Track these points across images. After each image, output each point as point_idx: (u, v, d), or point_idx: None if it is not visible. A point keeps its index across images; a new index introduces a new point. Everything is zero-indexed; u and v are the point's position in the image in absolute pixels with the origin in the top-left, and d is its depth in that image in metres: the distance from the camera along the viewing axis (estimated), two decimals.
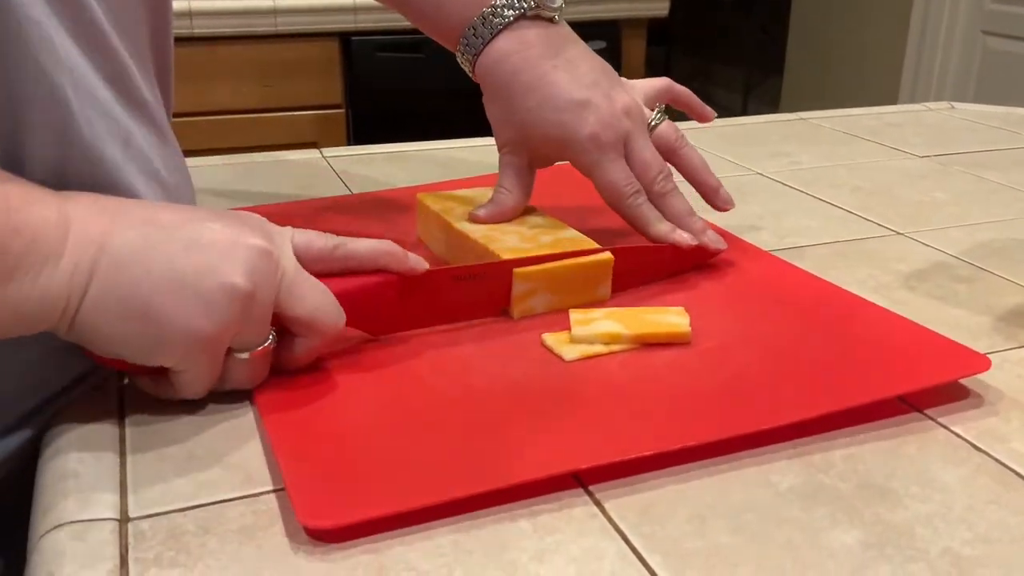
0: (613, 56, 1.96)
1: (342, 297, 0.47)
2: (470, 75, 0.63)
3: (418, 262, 0.50)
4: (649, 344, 0.51)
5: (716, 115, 0.73)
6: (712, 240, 0.61)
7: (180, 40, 2.02)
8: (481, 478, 0.40)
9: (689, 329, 0.52)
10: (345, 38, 1.82)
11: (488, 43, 0.60)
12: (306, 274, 0.46)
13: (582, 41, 0.63)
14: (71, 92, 0.44)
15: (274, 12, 1.73)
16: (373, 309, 0.50)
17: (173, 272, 0.41)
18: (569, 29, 0.63)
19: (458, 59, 0.63)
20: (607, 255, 0.56)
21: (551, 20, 0.61)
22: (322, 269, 0.48)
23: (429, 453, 0.42)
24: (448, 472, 0.40)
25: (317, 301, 0.46)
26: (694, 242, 0.60)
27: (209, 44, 1.71)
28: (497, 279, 0.54)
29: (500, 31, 0.60)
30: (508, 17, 0.60)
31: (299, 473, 0.40)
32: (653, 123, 0.63)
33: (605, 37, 1.95)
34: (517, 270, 0.53)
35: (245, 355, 0.45)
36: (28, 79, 0.42)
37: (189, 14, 1.67)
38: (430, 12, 0.64)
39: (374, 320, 0.50)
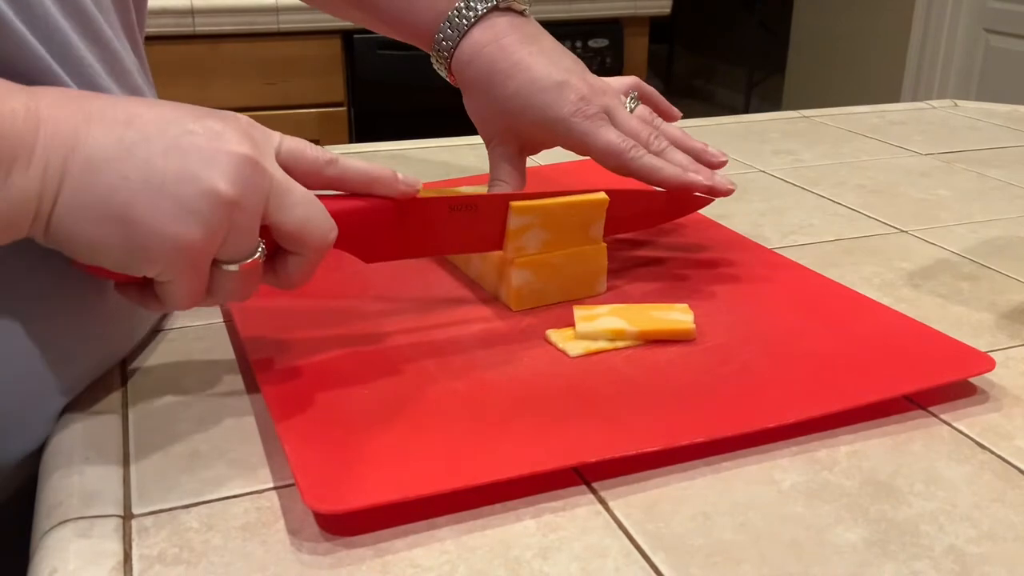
0: (615, 54, 1.96)
1: (335, 217, 0.45)
2: (446, 76, 0.64)
3: (410, 184, 0.48)
4: (653, 341, 0.51)
5: (682, 115, 0.74)
6: (723, 181, 0.60)
7: (182, 38, 2.02)
8: (487, 469, 0.40)
9: (694, 326, 0.51)
10: (347, 36, 1.82)
11: (463, 36, 0.61)
12: (295, 183, 0.43)
13: (551, 36, 0.63)
14: (75, 82, 0.44)
15: (276, 10, 1.73)
16: (366, 233, 0.48)
17: (151, 177, 0.38)
18: (538, 24, 0.63)
19: (433, 62, 0.64)
20: (602, 195, 0.56)
21: (521, 13, 0.62)
22: (310, 184, 0.45)
23: (435, 445, 0.42)
24: (454, 463, 0.40)
25: (307, 212, 0.43)
26: (708, 182, 0.60)
27: (211, 42, 1.71)
28: (493, 212, 0.53)
29: (474, 24, 0.61)
30: (480, 10, 0.60)
31: (306, 459, 0.40)
32: (628, 109, 0.63)
33: (607, 35, 1.95)
34: (514, 203, 0.53)
35: (234, 267, 0.42)
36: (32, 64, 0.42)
37: (191, 12, 1.67)
38: (400, 13, 0.64)
39: (367, 245, 0.49)
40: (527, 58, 0.60)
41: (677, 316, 0.52)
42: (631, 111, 0.63)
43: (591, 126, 0.59)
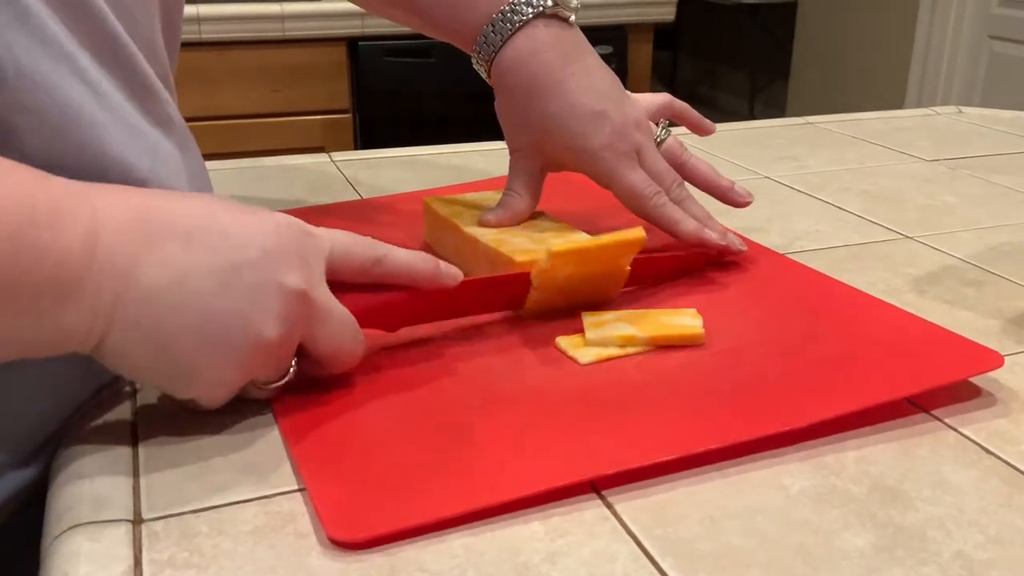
0: (619, 61, 1.97)
1: (368, 312, 0.47)
2: (484, 76, 0.63)
3: (451, 276, 0.49)
4: (663, 346, 0.51)
5: (716, 128, 0.74)
6: (735, 241, 0.62)
7: (188, 45, 2.04)
8: (505, 488, 0.40)
9: (703, 331, 0.52)
10: (352, 43, 1.82)
11: (507, 40, 0.60)
12: (336, 305, 0.45)
13: (594, 49, 0.63)
14: (98, 109, 0.44)
15: (282, 17, 1.74)
16: (393, 315, 0.50)
17: (202, 317, 0.40)
18: (582, 35, 0.63)
19: (473, 61, 0.63)
20: (640, 232, 0.54)
21: (567, 21, 0.62)
22: (356, 281, 0.47)
23: (451, 463, 0.42)
24: (471, 482, 0.40)
25: (342, 338, 0.45)
26: (723, 241, 0.61)
27: (217, 49, 1.72)
28: (517, 283, 0.54)
29: (519, 28, 0.60)
30: (528, 14, 0.60)
31: (324, 487, 0.40)
32: (659, 139, 0.64)
33: (612, 42, 1.95)
34: (534, 272, 0.53)
35: (265, 390, 0.45)
36: (54, 99, 0.42)
37: (197, 19, 1.68)
38: (445, 13, 0.63)
39: (392, 322, 0.51)
40: (569, 79, 0.60)
41: (686, 321, 0.52)
42: (662, 142, 0.64)
43: (618, 164, 0.60)
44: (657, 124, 0.65)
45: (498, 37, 0.60)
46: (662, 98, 0.71)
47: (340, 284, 0.46)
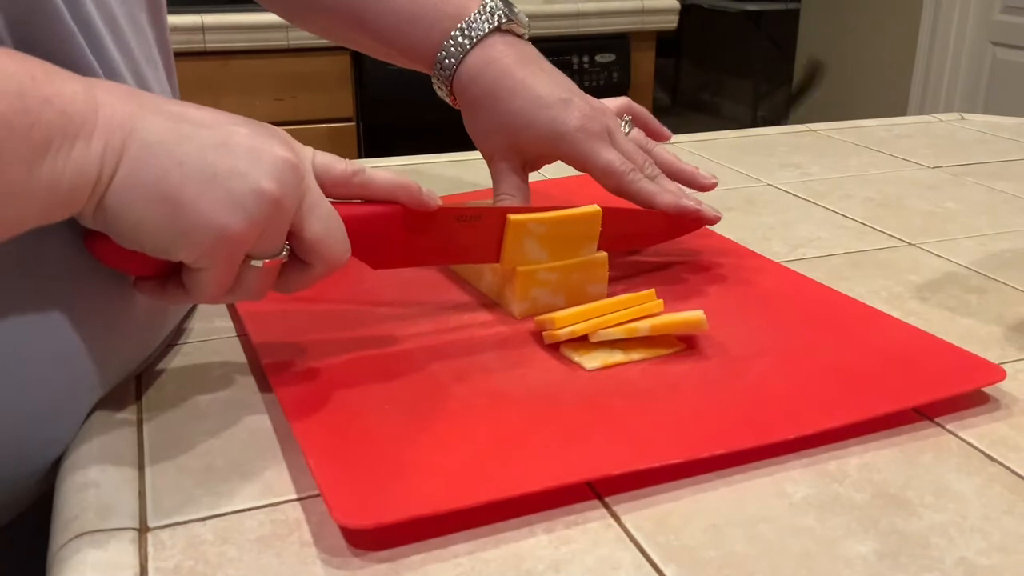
0: (622, 69, 1.97)
1: (348, 222, 0.47)
2: (445, 96, 0.66)
3: (431, 197, 0.51)
4: (667, 356, 0.52)
5: (672, 136, 0.75)
6: (710, 210, 0.64)
7: (193, 55, 2.03)
8: (511, 483, 0.40)
9: (704, 316, 0.52)
10: (356, 52, 1.83)
11: (465, 55, 0.63)
12: (324, 198, 0.45)
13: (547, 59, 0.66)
14: None
15: (286, 26, 1.74)
16: (377, 240, 0.51)
17: (204, 167, 0.40)
18: (535, 48, 0.65)
19: (433, 81, 0.66)
20: (596, 208, 0.57)
21: (520, 37, 0.64)
22: (338, 193, 0.47)
23: (458, 458, 0.42)
24: (479, 477, 0.41)
25: (330, 228, 0.45)
26: (699, 206, 0.63)
27: (222, 58, 1.73)
28: (494, 224, 0.55)
29: (477, 43, 0.62)
30: (484, 30, 0.62)
31: (331, 475, 0.40)
32: (623, 131, 0.65)
33: (614, 50, 1.96)
34: (510, 216, 0.55)
35: (259, 263, 0.44)
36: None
37: (202, 29, 1.69)
38: (401, 35, 0.65)
39: (375, 251, 0.51)
40: (529, 77, 0.62)
41: (687, 313, 0.53)
42: (626, 134, 0.65)
43: (594, 144, 0.62)
44: (621, 119, 0.67)
45: (458, 51, 0.63)
46: (621, 101, 0.73)
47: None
